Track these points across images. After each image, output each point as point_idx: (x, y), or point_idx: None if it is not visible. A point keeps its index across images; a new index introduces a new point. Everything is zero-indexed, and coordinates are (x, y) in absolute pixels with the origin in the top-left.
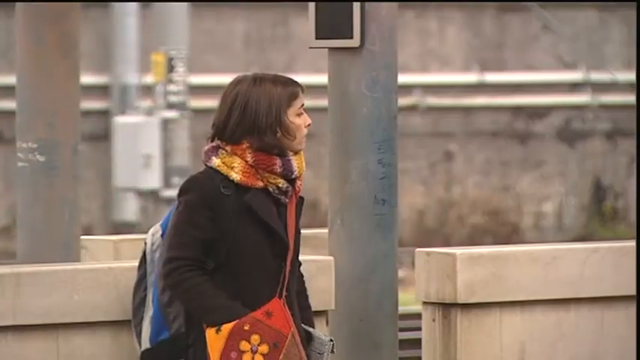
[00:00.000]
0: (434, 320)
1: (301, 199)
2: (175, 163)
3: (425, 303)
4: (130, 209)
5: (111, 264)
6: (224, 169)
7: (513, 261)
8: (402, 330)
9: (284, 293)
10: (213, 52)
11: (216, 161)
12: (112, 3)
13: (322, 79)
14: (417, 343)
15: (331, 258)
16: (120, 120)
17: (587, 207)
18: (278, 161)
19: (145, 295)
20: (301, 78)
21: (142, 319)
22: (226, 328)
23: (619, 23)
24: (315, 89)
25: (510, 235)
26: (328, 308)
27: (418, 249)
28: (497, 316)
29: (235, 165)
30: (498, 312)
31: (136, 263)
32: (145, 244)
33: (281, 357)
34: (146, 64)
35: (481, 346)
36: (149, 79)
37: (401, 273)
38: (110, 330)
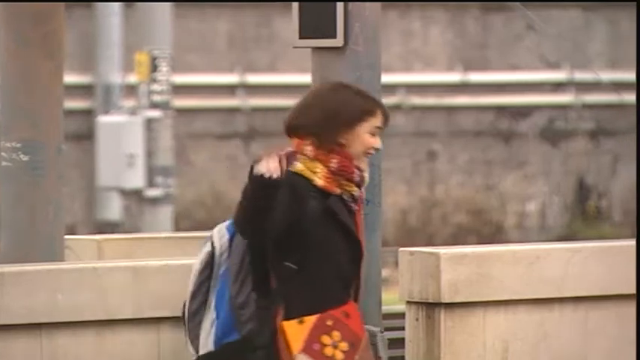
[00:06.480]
0: (417, 320)
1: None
2: (159, 162)
3: (408, 302)
4: (113, 209)
5: (95, 264)
6: (307, 174)
7: (497, 260)
8: (385, 329)
9: (358, 297)
10: (197, 51)
11: (299, 166)
12: (96, 3)
13: (306, 78)
14: (400, 342)
15: None
16: (103, 119)
17: (571, 206)
18: (357, 170)
19: (207, 299)
20: (285, 77)
21: (199, 322)
22: (310, 320)
23: (603, 23)
24: (298, 89)
25: (494, 234)
26: None
27: (402, 248)
28: (481, 316)
29: (318, 170)
30: (482, 311)
31: (120, 263)
32: (213, 246)
33: (356, 357)
34: (129, 63)
35: (465, 346)
36: (132, 78)
37: (384, 272)
38: (94, 330)
